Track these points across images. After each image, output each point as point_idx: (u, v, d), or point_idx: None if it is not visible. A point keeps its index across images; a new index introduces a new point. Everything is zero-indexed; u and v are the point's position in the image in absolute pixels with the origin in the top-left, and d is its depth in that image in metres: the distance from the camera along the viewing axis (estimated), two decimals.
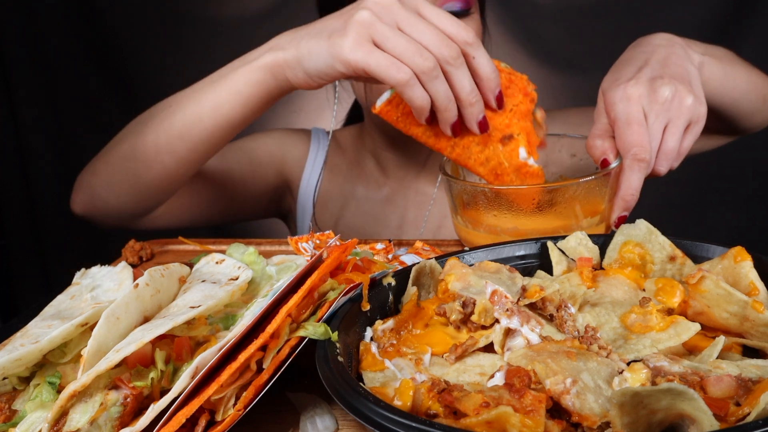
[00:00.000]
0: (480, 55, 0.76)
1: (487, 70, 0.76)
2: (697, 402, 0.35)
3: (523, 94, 0.80)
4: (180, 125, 0.89)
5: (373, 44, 0.74)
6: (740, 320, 0.52)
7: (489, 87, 0.77)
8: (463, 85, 0.75)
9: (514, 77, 0.80)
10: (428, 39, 0.74)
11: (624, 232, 0.63)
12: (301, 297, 0.50)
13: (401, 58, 0.73)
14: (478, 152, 0.79)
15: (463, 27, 0.75)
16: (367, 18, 0.74)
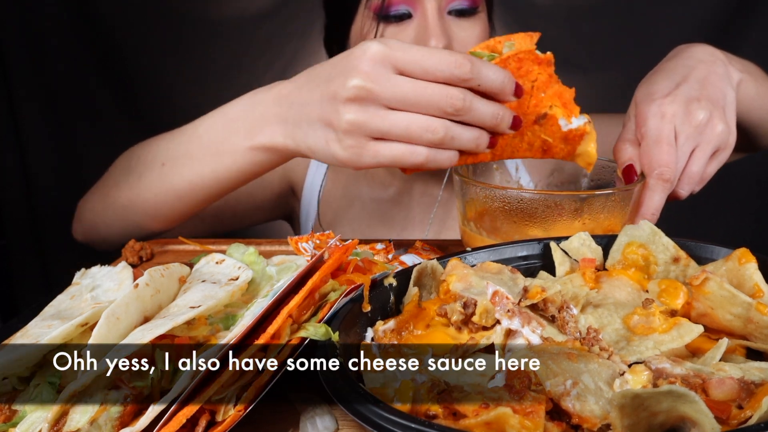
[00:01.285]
0: (483, 76, 0.68)
1: (497, 84, 0.69)
2: (698, 404, 0.36)
3: (536, 64, 0.72)
4: (179, 189, 0.88)
5: (375, 139, 0.69)
6: (744, 322, 0.52)
7: (505, 93, 0.71)
8: (483, 118, 0.69)
9: (521, 54, 0.72)
10: (426, 103, 0.67)
11: (627, 233, 0.63)
12: (302, 298, 0.51)
13: (410, 141, 0.68)
14: (518, 143, 0.75)
15: (453, 62, 0.67)
16: (355, 119, 0.68)
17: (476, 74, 0.67)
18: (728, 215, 1.95)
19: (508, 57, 0.71)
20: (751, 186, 1.91)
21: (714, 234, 1.93)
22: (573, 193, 0.74)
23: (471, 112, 0.68)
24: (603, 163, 0.85)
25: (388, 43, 0.67)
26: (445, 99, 0.66)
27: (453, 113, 0.67)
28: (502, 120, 0.70)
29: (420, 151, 0.68)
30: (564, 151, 0.75)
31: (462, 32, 1.02)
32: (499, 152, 0.75)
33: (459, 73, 0.66)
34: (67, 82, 1.84)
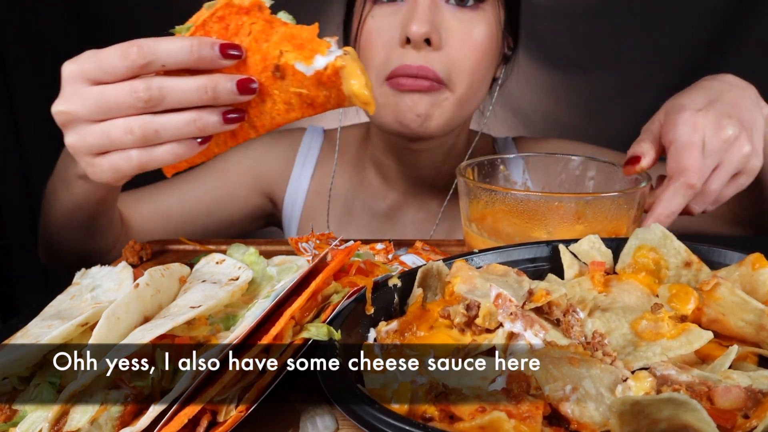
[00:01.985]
0: (160, 55, 0.63)
1: (183, 55, 0.63)
2: (700, 413, 0.36)
3: (244, 14, 0.64)
4: (57, 217, 0.94)
5: (99, 155, 0.67)
6: (756, 329, 0.52)
7: (206, 60, 0.63)
8: (187, 97, 0.64)
9: (219, 11, 0.65)
10: (116, 106, 0.64)
11: (638, 236, 0.64)
12: (305, 300, 0.52)
13: (119, 147, 0.66)
14: (271, 107, 0.67)
15: (120, 53, 0.63)
16: (71, 143, 0.68)
17: (150, 56, 0.62)
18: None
19: (205, 20, 0.65)
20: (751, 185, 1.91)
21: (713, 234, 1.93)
22: (577, 195, 0.75)
23: (167, 97, 0.63)
24: (607, 165, 0.86)
25: (79, 58, 0.66)
26: (130, 94, 0.63)
27: (146, 106, 0.63)
28: (217, 90, 0.64)
29: (131, 155, 0.66)
30: (330, 97, 0.66)
31: (460, 25, 0.99)
32: (259, 123, 0.68)
33: (129, 63, 0.63)
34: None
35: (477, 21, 1.00)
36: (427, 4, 0.96)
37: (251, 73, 0.65)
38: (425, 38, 0.95)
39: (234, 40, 0.64)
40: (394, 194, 1.20)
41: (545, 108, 1.92)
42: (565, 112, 1.94)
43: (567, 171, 0.89)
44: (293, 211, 1.23)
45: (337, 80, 0.64)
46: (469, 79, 1.01)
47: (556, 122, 1.95)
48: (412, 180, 1.19)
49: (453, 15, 0.99)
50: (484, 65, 1.03)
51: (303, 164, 1.24)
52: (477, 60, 1.00)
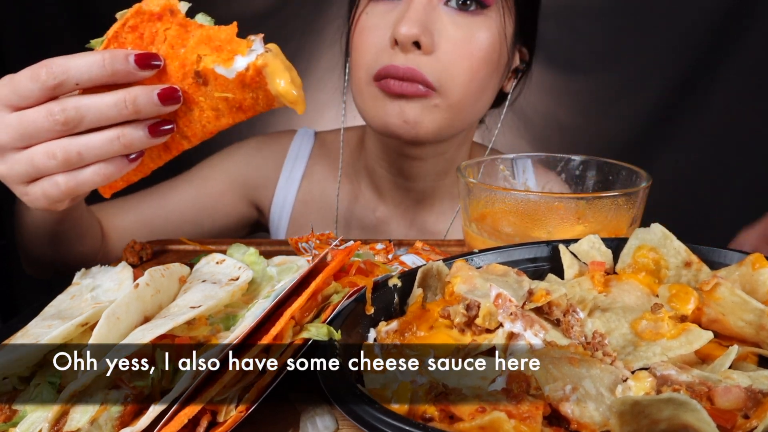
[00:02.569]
0: (72, 73, 0.59)
1: (95, 71, 0.59)
2: (700, 413, 0.36)
3: (157, 20, 0.61)
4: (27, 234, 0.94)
5: (30, 183, 0.64)
6: (756, 329, 0.52)
7: (120, 74, 0.60)
8: (106, 114, 0.60)
9: (130, 20, 0.61)
10: (36, 132, 0.61)
11: (638, 236, 0.64)
12: (305, 300, 0.52)
13: (44, 174, 0.63)
14: (200, 115, 0.64)
15: (29, 75, 0.60)
16: (2, 171, 0.64)
17: (60, 75, 0.59)
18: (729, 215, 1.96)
19: (117, 31, 0.61)
20: (751, 186, 1.92)
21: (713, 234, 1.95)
22: (577, 195, 0.75)
23: (86, 117, 0.60)
24: (608, 163, 0.86)
25: (1, 82, 0.62)
26: (47, 118, 0.60)
27: (66, 129, 0.60)
28: (137, 103, 0.60)
29: (58, 181, 0.63)
30: (258, 98, 0.63)
31: (456, 30, 0.94)
32: (191, 132, 0.65)
33: (41, 85, 0.59)
34: None
35: (477, 27, 0.95)
36: (423, 4, 0.92)
37: (173, 82, 0.62)
38: (414, 41, 0.91)
39: (150, 49, 0.61)
40: (384, 208, 1.16)
41: (545, 108, 1.92)
42: (564, 112, 1.94)
43: (567, 171, 0.89)
44: (280, 221, 1.19)
45: (261, 80, 0.61)
46: (464, 87, 0.96)
47: (556, 122, 1.95)
48: (404, 192, 1.14)
49: (451, 19, 0.94)
50: (482, 74, 0.97)
51: (291, 171, 1.19)
52: (472, 68, 0.95)
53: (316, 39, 1.53)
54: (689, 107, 1.88)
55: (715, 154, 1.93)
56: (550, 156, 0.92)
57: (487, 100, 1.04)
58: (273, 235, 1.22)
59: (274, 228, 1.21)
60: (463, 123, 1.03)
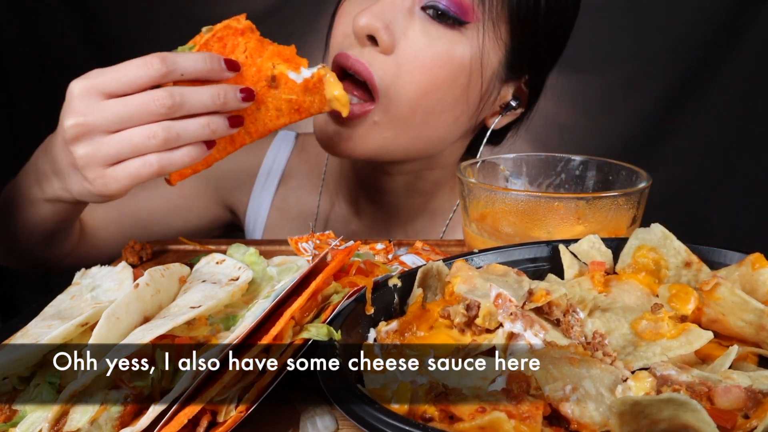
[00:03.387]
0: (180, 65, 0.69)
1: (199, 66, 0.71)
2: (700, 413, 0.36)
3: (239, 35, 0.75)
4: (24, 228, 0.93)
5: (111, 165, 0.71)
6: (756, 329, 0.52)
7: (215, 72, 0.72)
8: (202, 103, 0.70)
9: (219, 32, 0.75)
10: (138, 114, 0.69)
11: (638, 236, 0.64)
12: (305, 300, 0.52)
13: (140, 153, 0.70)
14: (265, 113, 0.77)
15: (143, 64, 0.69)
16: (84, 154, 0.70)
17: (172, 66, 0.69)
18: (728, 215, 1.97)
19: (207, 40, 0.74)
20: (751, 186, 1.93)
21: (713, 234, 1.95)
22: (577, 195, 0.75)
23: (186, 104, 0.70)
24: (608, 163, 0.86)
25: (89, 75, 0.70)
26: (153, 103, 0.68)
27: (167, 112, 0.69)
28: (226, 97, 0.72)
29: (150, 160, 0.70)
30: (314, 102, 0.77)
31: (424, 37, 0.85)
32: (254, 129, 0.77)
33: (153, 72, 0.68)
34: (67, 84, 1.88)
35: (447, 41, 0.86)
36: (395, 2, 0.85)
37: (247, 84, 0.74)
38: (369, 34, 0.84)
39: (231, 57, 0.74)
40: (359, 222, 1.11)
41: (545, 108, 1.91)
42: (564, 112, 1.94)
43: (567, 171, 0.89)
44: (255, 229, 1.17)
45: (320, 87, 0.77)
46: (411, 102, 0.86)
47: (556, 122, 1.95)
48: (377, 207, 1.08)
49: (423, 26, 0.86)
50: (440, 96, 0.87)
51: (267, 176, 1.16)
52: (428, 83, 0.85)
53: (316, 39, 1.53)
54: (689, 107, 1.88)
55: (715, 154, 1.93)
56: (550, 156, 0.91)
57: (447, 130, 0.93)
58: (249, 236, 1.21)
59: (249, 235, 1.19)
60: (414, 147, 0.93)
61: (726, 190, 1.95)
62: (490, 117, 1.00)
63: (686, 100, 1.87)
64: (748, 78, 1.84)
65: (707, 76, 1.85)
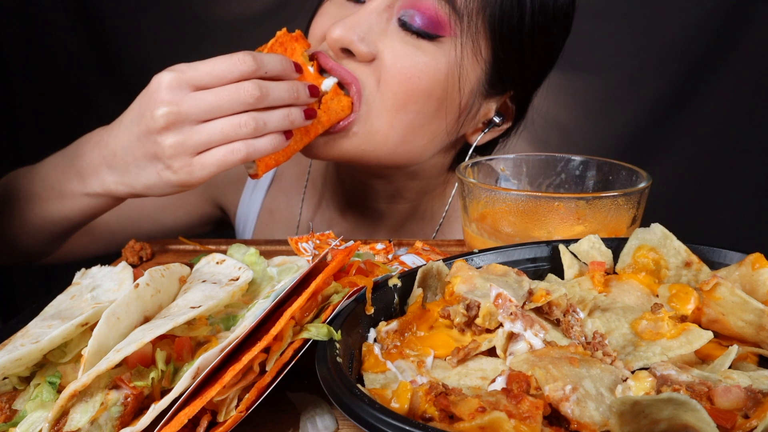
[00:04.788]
0: (266, 64, 0.77)
1: (279, 66, 0.79)
2: (700, 413, 0.36)
3: (294, 41, 0.86)
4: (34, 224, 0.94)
5: (198, 154, 0.76)
6: (756, 329, 0.53)
7: (288, 72, 0.81)
8: (282, 95, 0.78)
9: (280, 38, 0.85)
10: (229, 104, 0.75)
11: (639, 236, 0.64)
12: (305, 300, 0.52)
13: (229, 141, 0.76)
14: (329, 107, 0.85)
15: (236, 60, 0.75)
16: (175, 142, 0.75)
17: (260, 64, 0.77)
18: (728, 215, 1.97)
19: (273, 43, 0.85)
20: (751, 186, 1.93)
21: (713, 234, 1.96)
22: (577, 195, 0.75)
23: (270, 96, 0.77)
24: (608, 163, 0.86)
25: (177, 68, 0.76)
26: (243, 93, 0.75)
27: (255, 103, 0.75)
28: (299, 91, 0.80)
29: (238, 147, 0.76)
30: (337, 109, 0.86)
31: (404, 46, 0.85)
32: (326, 118, 0.85)
33: (245, 68, 0.75)
34: (68, 85, 1.88)
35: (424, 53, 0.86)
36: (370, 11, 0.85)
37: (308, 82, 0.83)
38: (342, 47, 0.85)
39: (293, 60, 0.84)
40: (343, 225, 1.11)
41: (545, 108, 1.92)
42: (564, 112, 1.94)
43: (567, 171, 0.89)
44: (245, 230, 1.17)
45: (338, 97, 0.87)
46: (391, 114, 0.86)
47: (556, 122, 1.95)
48: (360, 211, 1.09)
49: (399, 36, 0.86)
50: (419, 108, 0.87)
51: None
52: (406, 95, 0.86)
53: None
54: (689, 107, 1.88)
55: (715, 154, 1.93)
56: (549, 156, 0.92)
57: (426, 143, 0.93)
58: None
59: (239, 235, 1.20)
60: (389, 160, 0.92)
61: (726, 190, 1.95)
62: (472, 134, 0.99)
63: (686, 101, 1.87)
64: (748, 78, 1.84)
65: (707, 76, 1.85)
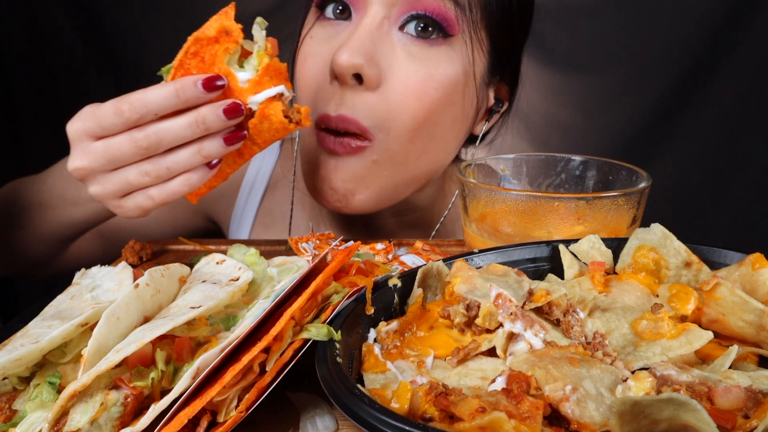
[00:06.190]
0: (149, 105, 0.67)
1: (166, 101, 0.67)
2: (700, 413, 0.36)
3: (214, 42, 0.68)
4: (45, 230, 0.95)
5: (124, 196, 0.73)
6: (756, 329, 0.52)
7: (190, 99, 0.68)
8: (182, 134, 0.68)
9: (191, 47, 0.68)
10: (122, 156, 0.69)
11: (638, 236, 0.64)
12: (305, 300, 0.52)
13: (138, 187, 0.71)
14: (269, 124, 0.71)
15: (114, 111, 0.68)
16: (94, 192, 0.73)
17: (141, 109, 0.67)
18: (728, 215, 1.97)
19: (181, 60, 0.68)
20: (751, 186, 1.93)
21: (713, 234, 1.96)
22: (577, 195, 0.75)
23: (165, 139, 0.68)
24: (608, 163, 0.86)
25: (80, 115, 0.71)
26: (132, 144, 0.69)
27: (149, 152, 0.69)
28: (207, 121, 0.68)
29: (151, 193, 0.71)
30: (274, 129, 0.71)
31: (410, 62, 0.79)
32: (261, 140, 0.72)
33: (124, 120, 0.68)
34: (68, 86, 1.89)
35: (436, 60, 0.80)
36: (369, 29, 0.79)
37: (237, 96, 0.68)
38: (354, 73, 0.78)
39: (213, 70, 0.67)
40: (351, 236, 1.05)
41: (545, 108, 1.92)
42: (564, 112, 1.94)
43: (567, 171, 0.89)
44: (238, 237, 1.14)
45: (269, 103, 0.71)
46: (409, 135, 0.81)
47: (556, 122, 1.95)
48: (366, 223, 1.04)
49: (405, 48, 0.80)
50: (438, 120, 0.82)
51: (252, 186, 1.13)
52: (424, 112, 0.80)
53: None
54: (689, 107, 1.88)
55: (715, 154, 1.93)
56: (549, 156, 0.92)
57: (446, 153, 0.90)
58: None
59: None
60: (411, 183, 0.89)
61: (726, 190, 1.95)
62: (476, 125, 0.97)
63: (686, 100, 1.87)
64: (748, 78, 1.85)
65: (707, 76, 1.85)
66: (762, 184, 1.91)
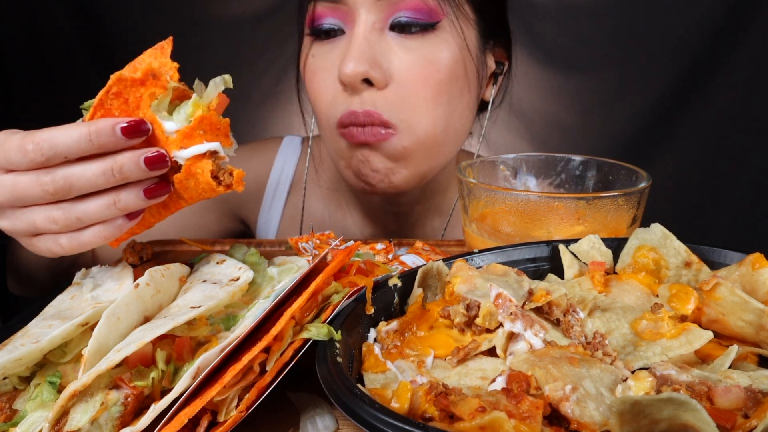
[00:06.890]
0: (59, 148, 0.58)
1: (78, 145, 0.58)
2: (699, 413, 0.36)
3: (139, 84, 0.59)
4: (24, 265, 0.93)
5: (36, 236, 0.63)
6: (756, 329, 0.53)
7: (106, 145, 0.58)
8: (94, 182, 0.59)
9: (114, 87, 0.60)
10: (29, 198, 0.60)
11: (639, 236, 0.64)
12: (305, 300, 0.52)
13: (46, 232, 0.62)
14: (195, 185, 0.61)
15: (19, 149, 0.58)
16: (4, 227, 0.64)
17: (48, 151, 0.58)
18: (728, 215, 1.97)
19: (102, 99, 0.60)
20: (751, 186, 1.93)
21: (713, 234, 1.96)
22: (577, 195, 0.75)
23: (75, 185, 0.59)
24: (608, 163, 0.86)
25: None
26: (38, 187, 0.59)
27: (56, 197, 0.60)
28: (124, 170, 0.59)
29: (61, 241, 0.62)
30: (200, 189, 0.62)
31: (408, 55, 0.86)
32: (188, 195, 0.63)
33: (29, 160, 0.59)
34: (68, 86, 1.89)
35: (431, 47, 0.87)
36: (364, 36, 0.84)
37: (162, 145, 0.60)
38: (363, 78, 0.84)
39: (137, 114, 0.59)
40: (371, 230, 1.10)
41: (545, 108, 1.92)
42: (564, 112, 1.94)
43: (567, 171, 0.89)
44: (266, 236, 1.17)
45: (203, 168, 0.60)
46: (428, 116, 0.88)
47: (556, 122, 1.95)
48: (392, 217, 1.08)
49: (400, 43, 0.86)
50: (448, 97, 0.89)
51: (277, 185, 1.15)
52: (434, 93, 0.87)
53: None
54: (689, 107, 1.88)
55: (715, 154, 1.93)
56: (549, 156, 0.92)
57: (464, 121, 0.96)
58: None
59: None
60: (444, 155, 0.96)
61: (726, 190, 1.95)
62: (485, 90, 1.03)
63: (686, 100, 1.88)
64: (748, 78, 1.85)
65: (707, 76, 1.85)
66: (762, 184, 1.91)
